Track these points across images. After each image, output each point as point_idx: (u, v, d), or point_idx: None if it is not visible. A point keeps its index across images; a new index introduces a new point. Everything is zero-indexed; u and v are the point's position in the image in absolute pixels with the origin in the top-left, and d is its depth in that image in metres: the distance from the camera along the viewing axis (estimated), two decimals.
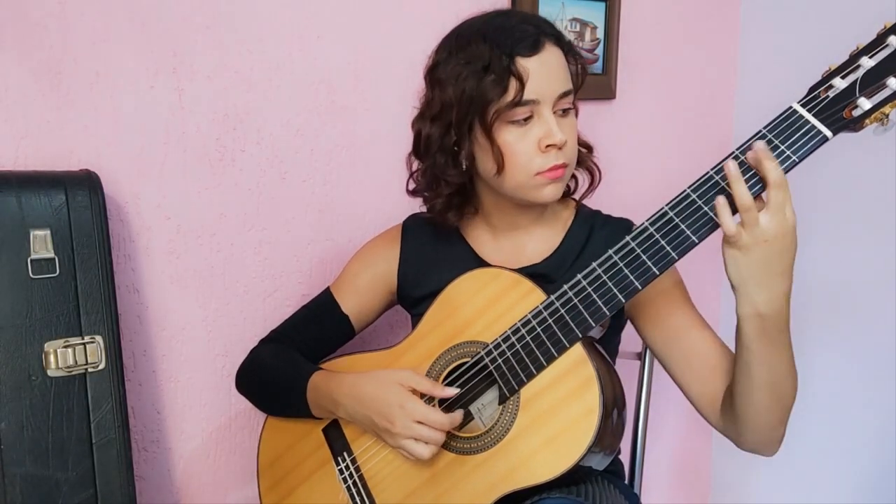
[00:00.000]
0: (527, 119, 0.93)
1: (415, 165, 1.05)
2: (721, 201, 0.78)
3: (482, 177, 1.00)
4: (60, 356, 0.96)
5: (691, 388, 0.95)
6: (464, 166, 0.98)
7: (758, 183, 0.78)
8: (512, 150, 0.93)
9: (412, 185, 1.08)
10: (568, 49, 0.96)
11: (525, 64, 0.91)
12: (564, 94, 0.94)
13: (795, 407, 0.89)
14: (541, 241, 1.04)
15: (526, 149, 0.93)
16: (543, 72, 0.91)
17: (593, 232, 1.03)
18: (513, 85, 0.90)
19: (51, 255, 0.96)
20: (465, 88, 0.92)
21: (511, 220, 1.04)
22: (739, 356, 0.85)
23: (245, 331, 1.22)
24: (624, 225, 1.04)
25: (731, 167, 0.78)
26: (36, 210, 0.96)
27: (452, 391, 0.93)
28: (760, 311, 0.79)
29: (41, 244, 0.96)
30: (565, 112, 0.95)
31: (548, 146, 0.93)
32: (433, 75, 0.97)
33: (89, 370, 0.98)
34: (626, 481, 1.19)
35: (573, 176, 1.05)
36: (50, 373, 0.96)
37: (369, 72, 1.28)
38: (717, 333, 0.96)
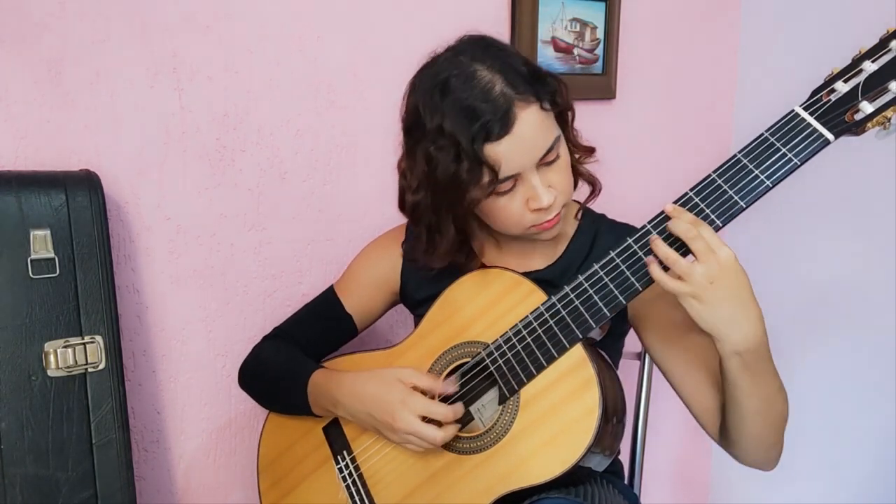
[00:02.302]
0: (511, 188, 0.90)
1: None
2: (650, 260, 0.82)
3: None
4: (60, 356, 0.96)
5: (691, 400, 0.95)
6: (455, 230, 0.96)
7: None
8: (501, 213, 0.92)
9: (411, 251, 1.05)
10: (545, 93, 0.88)
11: (496, 149, 0.85)
12: (547, 152, 0.89)
13: (793, 410, 0.89)
14: (545, 249, 1.04)
15: (516, 209, 0.91)
16: (518, 148, 0.86)
17: (598, 237, 1.03)
18: (486, 171, 0.86)
19: (51, 255, 0.96)
20: (439, 176, 0.88)
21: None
22: (727, 391, 0.86)
23: (245, 331, 1.23)
24: (629, 230, 1.03)
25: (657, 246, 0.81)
26: (36, 210, 0.96)
27: (453, 386, 0.94)
28: (738, 350, 0.80)
29: (41, 244, 0.96)
30: (551, 162, 0.91)
31: (535, 209, 0.91)
32: (407, 137, 0.93)
33: (89, 370, 0.98)
34: (626, 482, 1.19)
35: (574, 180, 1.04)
36: (50, 373, 0.96)
37: (369, 72, 1.28)
38: None
